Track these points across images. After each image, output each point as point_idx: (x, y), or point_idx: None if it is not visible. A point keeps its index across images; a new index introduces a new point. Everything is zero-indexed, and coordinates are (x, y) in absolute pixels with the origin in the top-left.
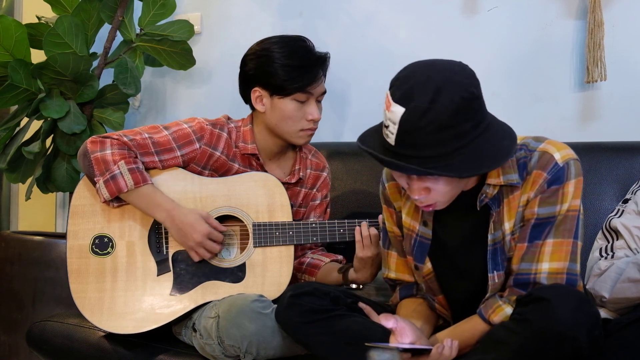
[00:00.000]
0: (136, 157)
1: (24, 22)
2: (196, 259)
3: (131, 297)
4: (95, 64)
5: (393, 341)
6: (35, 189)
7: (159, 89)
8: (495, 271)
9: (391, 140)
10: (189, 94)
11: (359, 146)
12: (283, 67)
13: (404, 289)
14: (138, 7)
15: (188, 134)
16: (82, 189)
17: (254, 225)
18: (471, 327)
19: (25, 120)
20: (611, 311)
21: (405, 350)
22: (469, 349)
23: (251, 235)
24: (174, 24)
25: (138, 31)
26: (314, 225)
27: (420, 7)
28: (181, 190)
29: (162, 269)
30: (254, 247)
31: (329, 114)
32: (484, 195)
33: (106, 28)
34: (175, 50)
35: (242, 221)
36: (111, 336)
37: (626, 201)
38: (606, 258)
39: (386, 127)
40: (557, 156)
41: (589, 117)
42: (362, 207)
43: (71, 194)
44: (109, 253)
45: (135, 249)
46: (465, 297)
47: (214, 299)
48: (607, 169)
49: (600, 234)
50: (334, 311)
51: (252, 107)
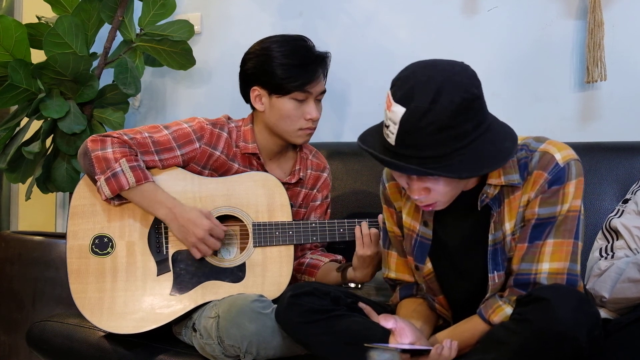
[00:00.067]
0: (137, 156)
1: (24, 22)
2: (198, 255)
3: (131, 297)
4: (95, 64)
5: (393, 341)
6: (35, 189)
7: (159, 89)
8: (495, 271)
9: (391, 140)
10: (189, 94)
11: (360, 146)
12: (282, 66)
13: (404, 289)
14: (138, 7)
15: (188, 134)
16: (82, 189)
17: (253, 225)
18: (471, 327)
19: (25, 120)
20: (611, 311)
21: (404, 350)
22: (469, 349)
23: (251, 235)
24: (174, 24)
25: (138, 31)
26: (313, 225)
27: (420, 7)
28: (181, 190)
29: (162, 269)
30: (254, 247)
31: (329, 114)
32: (485, 195)
33: (106, 28)
34: (175, 50)
35: (241, 221)
36: (111, 336)
37: (626, 201)
38: (606, 258)
39: (387, 127)
40: (558, 156)
41: (589, 117)
42: (362, 207)
43: (71, 194)
44: (108, 253)
45: (135, 249)
46: (465, 297)
47: (214, 299)
48: (607, 169)
49: (600, 234)
50: (334, 311)
51: (253, 107)
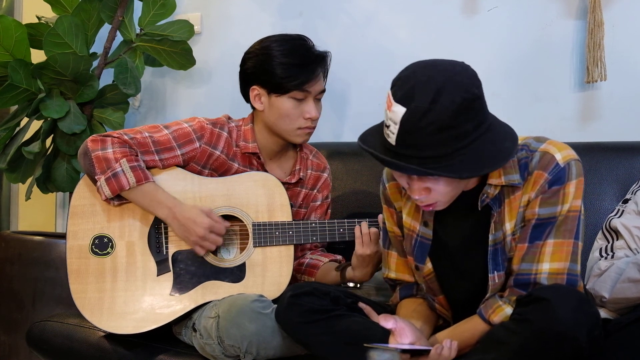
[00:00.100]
0: (137, 156)
1: (24, 22)
2: (201, 252)
3: (131, 297)
4: (95, 64)
5: (392, 342)
6: (35, 189)
7: (159, 89)
8: (495, 271)
9: (392, 140)
10: (189, 94)
11: (360, 146)
12: (281, 65)
13: (404, 289)
14: (138, 7)
15: (188, 133)
16: (82, 189)
17: (253, 225)
18: (471, 327)
19: (25, 120)
20: (611, 311)
21: (404, 350)
22: (469, 349)
23: (251, 235)
24: (174, 24)
25: (138, 31)
26: (313, 225)
27: (420, 7)
28: (181, 190)
29: (162, 269)
30: (254, 247)
31: (328, 114)
32: (485, 195)
33: (106, 28)
34: (175, 50)
35: (241, 221)
36: (111, 336)
37: (626, 201)
38: (606, 258)
39: (387, 127)
40: (558, 157)
41: (589, 117)
42: (362, 207)
43: (71, 194)
44: (108, 253)
45: (135, 249)
46: (465, 297)
47: (214, 299)
48: (607, 169)
49: (600, 234)
50: (334, 311)
51: (253, 106)
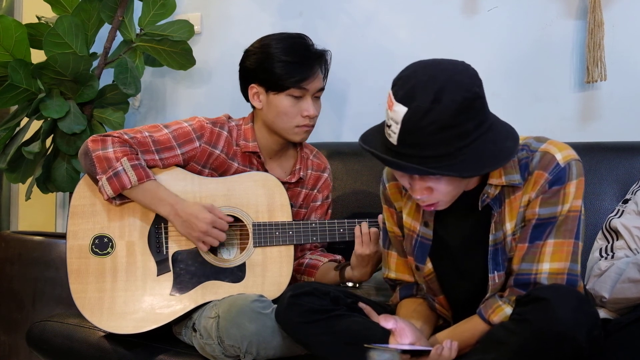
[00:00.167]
0: (137, 155)
1: (24, 22)
2: (204, 248)
3: (131, 297)
4: (95, 64)
5: (393, 342)
6: (35, 189)
7: (159, 89)
8: (495, 271)
9: (393, 139)
10: (189, 94)
11: (361, 146)
12: (278, 63)
13: (404, 289)
14: (138, 7)
15: (188, 132)
16: (82, 189)
17: (253, 225)
18: (471, 327)
19: (25, 120)
20: (611, 311)
21: (404, 351)
22: (469, 349)
23: (251, 235)
24: (174, 24)
25: (138, 31)
26: (313, 225)
27: (420, 7)
28: (181, 190)
29: (162, 269)
30: (254, 247)
31: (328, 113)
32: (486, 195)
33: (106, 28)
34: (175, 50)
35: (242, 221)
36: (111, 336)
37: (626, 201)
38: (606, 258)
39: (388, 126)
40: (559, 157)
41: (589, 117)
42: (362, 207)
43: (71, 194)
44: (108, 253)
45: (135, 249)
46: (465, 297)
47: (214, 299)
48: (607, 169)
49: (600, 234)
50: (334, 311)
51: (252, 105)
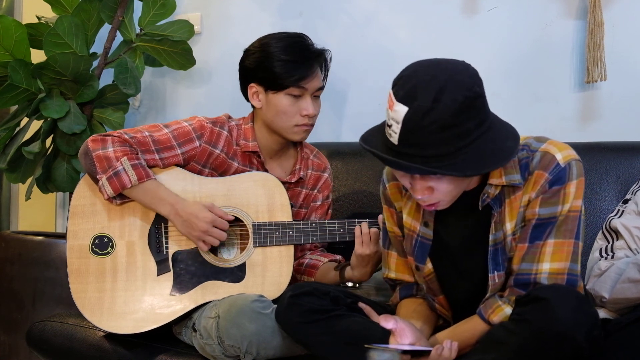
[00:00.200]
0: (137, 154)
1: (24, 22)
2: (205, 248)
3: (131, 297)
4: (95, 64)
5: (393, 342)
6: (35, 189)
7: (159, 89)
8: (495, 271)
9: (394, 139)
10: (189, 94)
11: (362, 146)
12: (278, 62)
13: (404, 289)
14: (138, 7)
15: (188, 132)
16: (82, 188)
17: (253, 225)
18: (471, 327)
19: (25, 120)
20: (611, 311)
21: (404, 351)
22: (469, 349)
23: (251, 235)
24: (174, 24)
25: (138, 31)
26: (313, 225)
27: (420, 7)
28: (181, 189)
29: (162, 268)
30: (254, 247)
31: (328, 113)
32: (486, 195)
33: (106, 28)
34: (175, 50)
35: (242, 221)
36: (111, 336)
37: (626, 201)
38: (606, 258)
39: (389, 126)
40: (559, 157)
41: (589, 117)
42: (362, 207)
43: (71, 194)
44: (108, 253)
45: (135, 248)
46: (465, 297)
47: (214, 299)
48: (607, 169)
49: (600, 234)
50: (334, 311)
51: (252, 105)
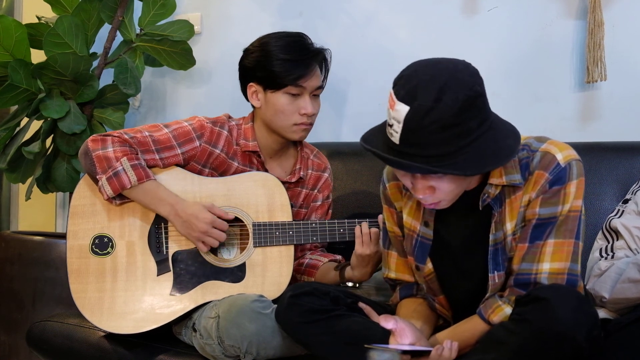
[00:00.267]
0: (137, 154)
1: (24, 22)
2: (204, 249)
3: (131, 297)
4: (95, 64)
5: (393, 342)
6: (35, 189)
7: (159, 89)
8: (495, 271)
9: (395, 139)
10: (189, 94)
11: (363, 146)
12: (277, 61)
13: (404, 289)
14: (138, 7)
15: (188, 132)
16: (82, 188)
17: (254, 225)
18: (471, 327)
19: (25, 120)
20: (611, 311)
21: (404, 351)
22: (469, 349)
23: (251, 235)
24: (174, 24)
25: (138, 31)
26: (314, 225)
27: (420, 7)
28: (181, 190)
29: (162, 268)
30: (254, 247)
31: (328, 113)
32: (486, 195)
33: (106, 28)
34: (175, 50)
35: (242, 221)
36: (111, 336)
37: (626, 201)
38: (606, 258)
39: (390, 126)
40: (559, 156)
41: (589, 117)
42: (362, 207)
43: (71, 194)
44: (108, 253)
45: (135, 248)
46: (465, 297)
47: (214, 299)
48: (607, 169)
49: (600, 234)
50: (334, 311)
51: (252, 104)
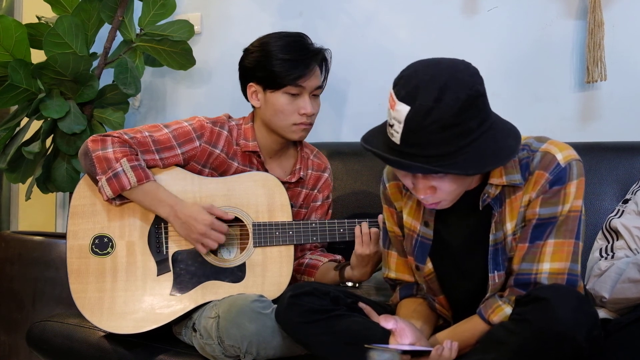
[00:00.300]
0: (137, 155)
1: (24, 22)
2: (203, 250)
3: (131, 297)
4: (95, 64)
5: (393, 342)
6: (35, 189)
7: (159, 89)
8: (495, 271)
9: (396, 139)
10: (189, 94)
11: (363, 146)
12: (276, 61)
13: (404, 288)
14: (138, 7)
15: (188, 132)
16: (82, 188)
17: (253, 225)
18: (471, 327)
19: (25, 120)
20: (611, 311)
21: (405, 351)
22: (469, 349)
23: (251, 235)
24: (174, 24)
25: (138, 31)
26: (313, 225)
27: (420, 7)
28: (181, 190)
29: (162, 268)
30: (254, 247)
31: (328, 113)
32: (487, 195)
33: (106, 28)
34: (175, 50)
35: (242, 221)
36: (111, 336)
37: (626, 201)
38: (606, 258)
39: (391, 126)
40: (560, 157)
41: (589, 117)
42: (362, 207)
43: (71, 194)
44: (108, 253)
45: (135, 248)
46: (466, 297)
47: (214, 299)
48: (607, 169)
49: (600, 234)
50: (334, 311)
51: (252, 104)
